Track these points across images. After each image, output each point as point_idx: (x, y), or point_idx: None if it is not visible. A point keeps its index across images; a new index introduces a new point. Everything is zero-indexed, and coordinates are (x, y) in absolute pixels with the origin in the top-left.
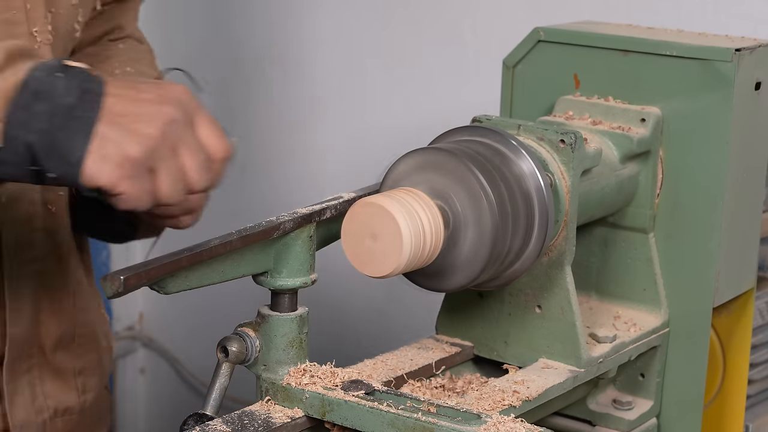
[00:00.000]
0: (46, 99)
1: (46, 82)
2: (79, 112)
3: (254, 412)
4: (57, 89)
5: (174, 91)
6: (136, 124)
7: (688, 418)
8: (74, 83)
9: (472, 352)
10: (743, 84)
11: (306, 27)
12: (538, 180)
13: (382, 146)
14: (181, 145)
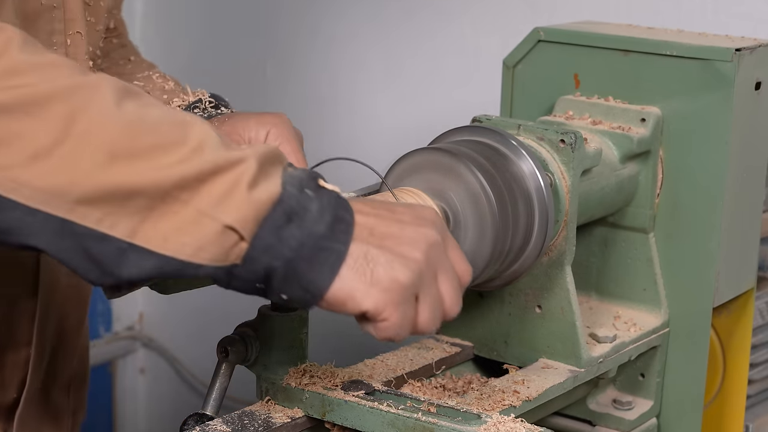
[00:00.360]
0: (298, 224)
1: (299, 201)
2: (328, 243)
3: (254, 412)
4: (310, 213)
5: (427, 213)
6: (402, 247)
7: (688, 418)
8: (327, 208)
9: (472, 352)
10: (743, 84)
11: (306, 27)
12: (538, 180)
13: (382, 146)
14: (441, 270)
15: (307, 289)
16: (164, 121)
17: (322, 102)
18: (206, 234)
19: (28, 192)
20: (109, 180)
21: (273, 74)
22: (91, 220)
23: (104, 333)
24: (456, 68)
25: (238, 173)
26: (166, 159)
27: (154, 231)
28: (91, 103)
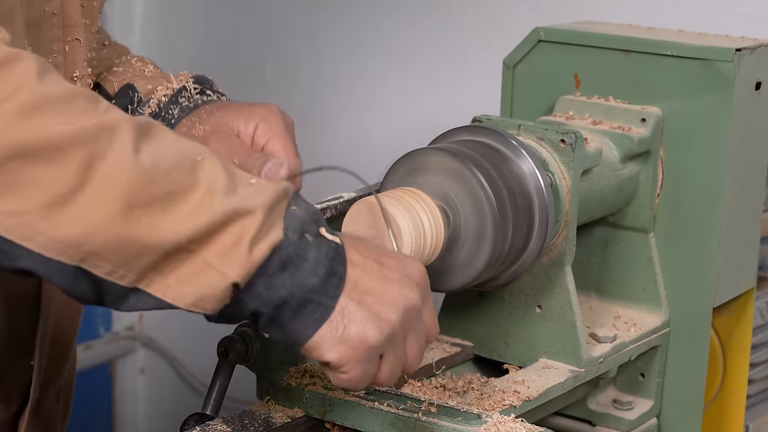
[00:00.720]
0: (292, 273)
1: (297, 248)
2: (318, 297)
3: (254, 412)
4: (306, 263)
5: (415, 270)
6: (380, 306)
7: (688, 418)
8: (323, 260)
9: (472, 352)
10: (743, 84)
11: (306, 27)
12: (539, 180)
13: (383, 146)
14: (411, 332)
15: (288, 336)
16: (177, 165)
17: (322, 102)
18: (210, 286)
19: (43, 241)
20: (124, 233)
21: (272, 74)
22: (102, 270)
23: (104, 333)
24: (456, 68)
25: (243, 226)
26: (179, 209)
27: (158, 279)
28: (110, 149)
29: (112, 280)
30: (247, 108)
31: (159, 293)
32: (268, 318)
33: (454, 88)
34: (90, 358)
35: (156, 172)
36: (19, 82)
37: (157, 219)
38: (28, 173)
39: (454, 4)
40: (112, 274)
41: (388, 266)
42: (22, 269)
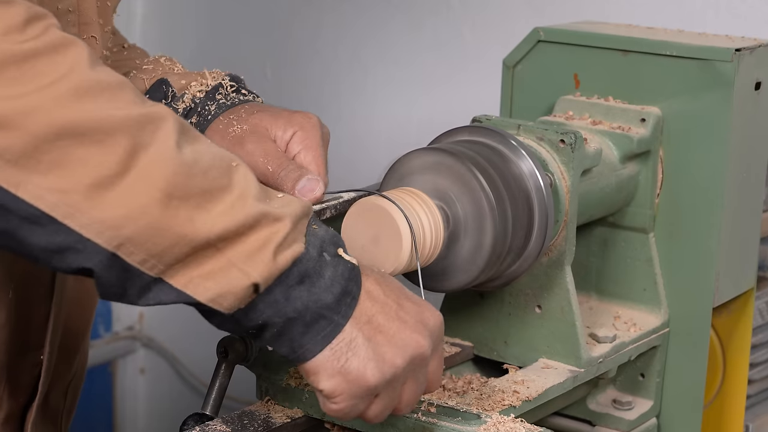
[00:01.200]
0: (309, 287)
1: (315, 265)
2: (330, 314)
3: (254, 412)
4: (322, 280)
5: (432, 318)
6: (388, 348)
7: (688, 418)
8: (338, 279)
9: (472, 352)
10: (743, 84)
11: (306, 27)
12: (538, 180)
13: (382, 146)
14: (412, 379)
15: (295, 351)
16: (214, 166)
17: (322, 102)
18: (231, 284)
19: (84, 220)
20: (161, 222)
21: (274, 76)
22: (135, 259)
23: (104, 333)
24: (456, 68)
25: (271, 232)
26: (213, 207)
27: (183, 271)
28: (154, 139)
29: (141, 270)
30: (287, 114)
31: (181, 285)
32: (278, 329)
33: (454, 88)
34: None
35: (195, 169)
36: (72, 65)
37: (192, 213)
38: (76, 153)
39: (455, 4)
40: (144, 263)
41: (407, 309)
42: (58, 247)
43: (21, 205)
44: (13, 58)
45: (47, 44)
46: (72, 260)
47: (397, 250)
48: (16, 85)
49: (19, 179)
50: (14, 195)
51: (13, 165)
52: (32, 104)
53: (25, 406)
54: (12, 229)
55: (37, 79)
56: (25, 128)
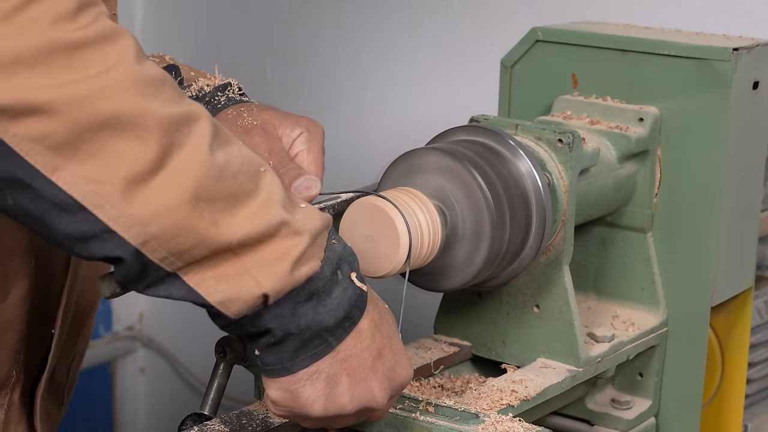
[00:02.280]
0: (314, 306)
1: (326, 284)
2: (326, 336)
3: (252, 411)
4: (329, 300)
5: (402, 374)
6: (344, 393)
7: (686, 418)
8: (344, 304)
9: (470, 351)
10: (741, 83)
11: (306, 27)
12: (536, 180)
13: (381, 146)
14: (354, 417)
15: (282, 362)
16: (243, 170)
17: (322, 102)
18: (242, 290)
19: (114, 212)
20: (187, 223)
21: (274, 76)
22: (157, 256)
23: (104, 333)
24: (455, 68)
25: (290, 245)
26: (238, 212)
27: (198, 270)
28: (188, 141)
29: (160, 265)
30: (295, 117)
31: (194, 284)
32: (275, 340)
33: (453, 88)
34: (90, 358)
35: (225, 172)
36: (120, 57)
37: (217, 216)
38: (114, 146)
39: (454, 3)
40: (164, 260)
41: (383, 360)
42: (84, 235)
43: (54, 191)
44: (63, 47)
45: (97, 34)
46: (96, 249)
47: (394, 251)
48: (64, 73)
49: (56, 165)
50: (49, 179)
51: (53, 151)
52: (79, 93)
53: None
54: (41, 213)
55: (86, 68)
56: (69, 116)
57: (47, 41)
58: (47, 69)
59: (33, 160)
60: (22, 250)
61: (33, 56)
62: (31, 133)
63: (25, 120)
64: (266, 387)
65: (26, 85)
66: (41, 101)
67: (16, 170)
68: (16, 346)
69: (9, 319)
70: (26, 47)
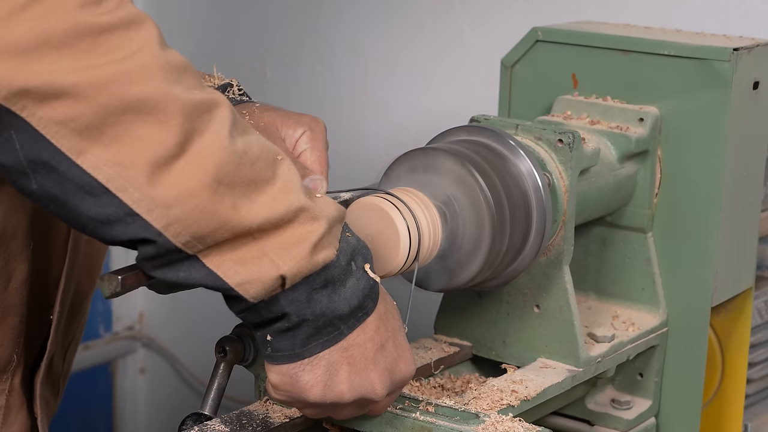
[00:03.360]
0: (329, 294)
1: (341, 274)
2: (339, 324)
3: (253, 411)
4: (343, 289)
5: (404, 368)
6: (343, 381)
7: (686, 418)
8: (358, 294)
9: (470, 351)
10: (741, 83)
11: (306, 28)
12: (536, 180)
13: (381, 146)
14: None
15: (294, 349)
16: (261, 157)
17: (322, 102)
18: (261, 273)
19: (137, 196)
20: (208, 207)
21: (274, 76)
22: (180, 240)
23: (104, 333)
24: (455, 68)
25: (308, 230)
26: (257, 197)
27: (217, 253)
28: (210, 126)
29: (184, 249)
30: (296, 116)
31: (213, 266)
32: (289, 326)
33: (452, 88)
34: (90, 358)
35: (244, 159)
36: (144, 42)
37: (237, 201)
38: (138, 129)
39: (454, 3)
40: (188, 244)
41: (386, 353)
42: (107, 218)
43: (79, 173)
44: (89, 30)
45: (122, 19)
46: (119, 232)
47: (395, 251)
48: (89, 57)
49: (81, 147)
50: (74, 162)
51: (78, 134)
52: (104, 77)
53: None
54: (65, 196)
55: (111, 53)
56: (94, 99)
57: (74, 24)
58: (74, 52)
59: (59, 143)
60: (23, 233)
61: (60, 39)
62: (57, 116)
63: (51, 103)
64: (267, 371)
65: (53, 68)
66: (67, 84)
67: (42, 153)
68: (17, 329)
69: (12, 302)
70: (54, 29)
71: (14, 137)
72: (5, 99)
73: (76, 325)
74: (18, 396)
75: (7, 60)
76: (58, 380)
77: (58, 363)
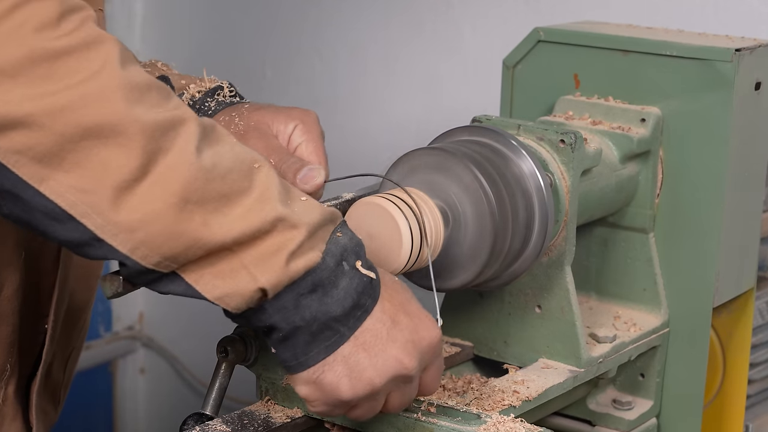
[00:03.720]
0: (320, 297)
1: (331, 275)
2: (337, 326)
3: (254, 412)
4: (335, 290)
5: (427, 335)
6: (367, 366)
7: (688, 418)
8: (351, 293)
9: (472, 351)
10: (743, 84)
11: (306, 27)
12: (538, 180)
13: (383, 146)
14: (396, 391)
15: (297, 357)
16: (234, 169)
17: (322, 103)
18: (239, 286)
19: (100, 221)
20: (176, 227)
21: (274, 76)
22: (151, 261)
23: (104, 333)
24: (456, 68)
25: (286, 239)
26: (231, 211)
27: (194, 269)
28: (174, 145)
29: (157, 270)
30: (286, 110)
31: (191, 281)
32: (284, 334)
33: (454, 88)
34: (90, 358)
35: (214, 173)
36: (104, 63)
37: (208, 218)
38: (99, 154)
39: (455, 4)
40: (160, 264)
41: (401, 326)
42: (77, 242)
43: (42, 201)
44: (45, 56)
45: (80, 41)
46: (93, 253)
47: (396, 251)
48: (45, 83)
49: (42, 175)
50: (37, 190)
51: (38, 162)
52: (60, 103)
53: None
54: (35, 222)
55: (68, 77)
56: (51, 128)
57: (28, 51)
58: (28, 80)
59: (20, 172)
60: (13, 242)
61: (14, 67)
62: (15, 145)
63: (9, 133)
64: (293, 385)
65: (7, 98)
66: (22, 114)
67: (4, 182)
68: (10, 339)
69: (4, 311)
70: (8, 58)
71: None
72: None
73: (76, 335)
74: (12, 405)
75: None
76: (57, 390)
77: (57, 373)
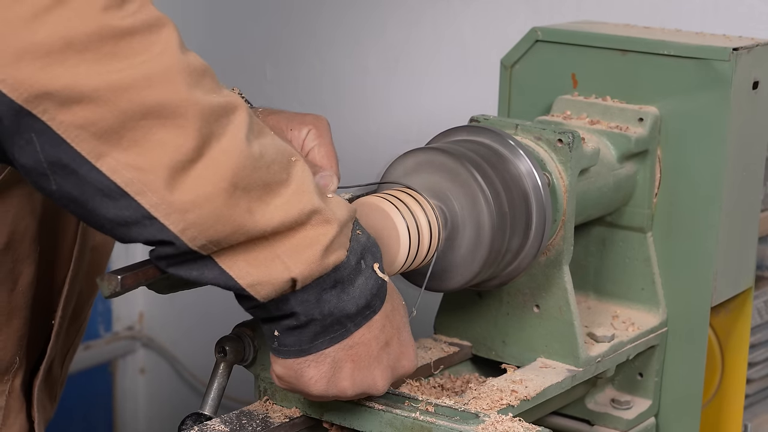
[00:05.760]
0: (338, 293)
1: (350, 272)
2: (347, 323)
3: (252, 411)
4: (351, 288)
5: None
6: (346, 378)
7: (686, 418)
8: (366, 293)
9: (470, 351)
10: (740, 83)
11: (306, 28)
12: (536, 179)
13: (381, 146)
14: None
15: (300, 345)
16: (276, 159)
17: (322, 103)
18: (272, 275)
19: (155, 200)
20: (224, 211)
21: (273, 76)
22: (197, 244)
23: (104, 333)
24: (454, 68)
25: (320, 233)
26: (272, 200)
27: (231, 254)
28: (227, 130)
29: (199, 252)
30: (300, 116)
31: (226, 266)
32: (297, 325)
33: (452, 88)
34: (90, 358)
35: (260, 162)
36: (165, 46)
37: (253, 205)
38: (156, 134)
39: (454, 3)
40: (204, 247)
41: (389, 350)
42: (125, 221)
43: (98, 177)
44: (111, 34)
45: (143, 22)
46: (136, 234)
47: (395, 251)
48: (111, 61)
49: (100, 151)
50: (93, 166)
51: (98, 138)
52: (125, 81)
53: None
54: (84, 198)
55: (132, 56)
56: (115, 104)
57: (97, 27)
58: (96, 56)
59: (79, 147)
60: (31, 237)
61: (83, 42)
62: (77, 120)
63: (73, 107)
64: (273, 362)
65: (75, 71)
66: (89, 89)
67: (62, 156)
68: (21, 332)
69: (18, 305)
70: (77, 32)
71: (35, 140)
72: (27, 101)
73: (75, 331)
74: (17, 398)
75: (30, 62)
76: (55, 386)
77: (56, 369)
